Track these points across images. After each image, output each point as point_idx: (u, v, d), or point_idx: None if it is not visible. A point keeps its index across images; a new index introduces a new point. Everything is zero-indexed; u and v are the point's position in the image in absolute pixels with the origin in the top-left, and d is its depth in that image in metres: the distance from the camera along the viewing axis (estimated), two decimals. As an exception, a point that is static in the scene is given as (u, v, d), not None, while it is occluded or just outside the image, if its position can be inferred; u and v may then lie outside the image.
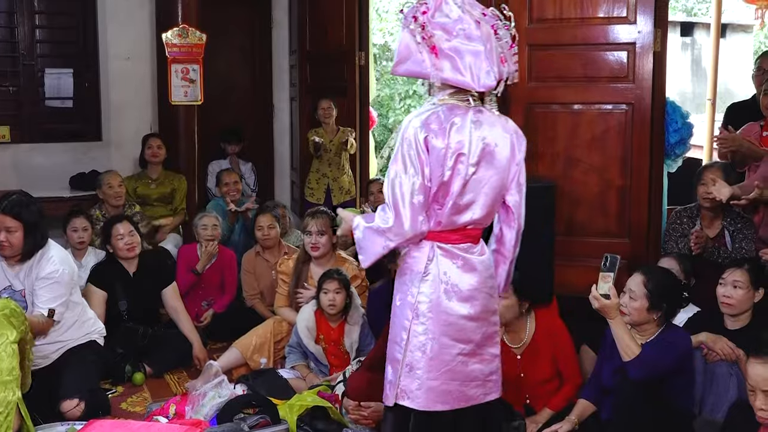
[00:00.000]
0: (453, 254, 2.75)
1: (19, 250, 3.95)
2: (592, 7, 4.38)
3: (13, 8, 6.96)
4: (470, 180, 2.68)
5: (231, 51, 7.86)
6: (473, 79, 2.61)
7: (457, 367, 2.76)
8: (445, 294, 2.74)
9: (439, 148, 2.63)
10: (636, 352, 3.29)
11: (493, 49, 2.63)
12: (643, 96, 4.34)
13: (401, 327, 2.77)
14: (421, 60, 2.63)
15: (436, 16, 2.62)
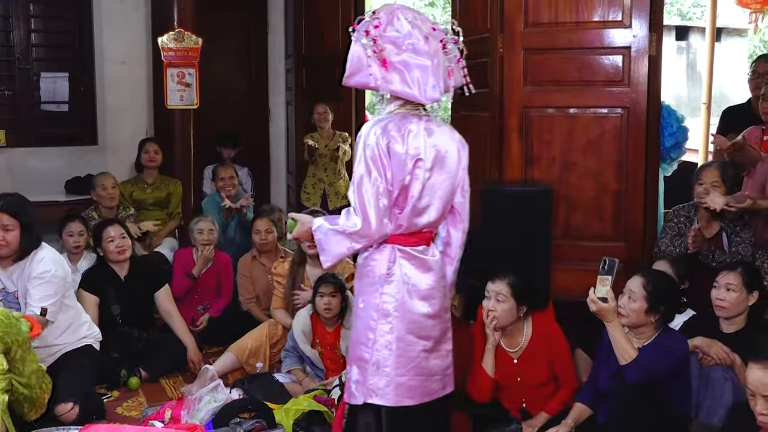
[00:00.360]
0: (412, 256, 2.90)
1: (14, 250, 3.96)
2: (588, 11, 4.39)
3: (8, 12, 6.96)
4: (426, 185, 2.83)
5: (227, 55, 7.86)
6: (420, 92, 2.75)
7: (421, 363, 2.91)
8: (408, 294, 2.87)
9: (400, 153, 2.76)
10: (633, 356, 3.29)
11: (440, 64, 2.78)
12: (639, 100, 4.35)
13: (366, 327, 2.89)
14: (371, 73, 2.77)
15: (387, 31, 2.76)
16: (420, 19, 2.84)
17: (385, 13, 2.79)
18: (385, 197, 2.76)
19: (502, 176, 4.59)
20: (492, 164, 4.66)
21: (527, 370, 3.81)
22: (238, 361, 4.51)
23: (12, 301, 3.98)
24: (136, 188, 6.31)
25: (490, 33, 4.62)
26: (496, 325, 3.76)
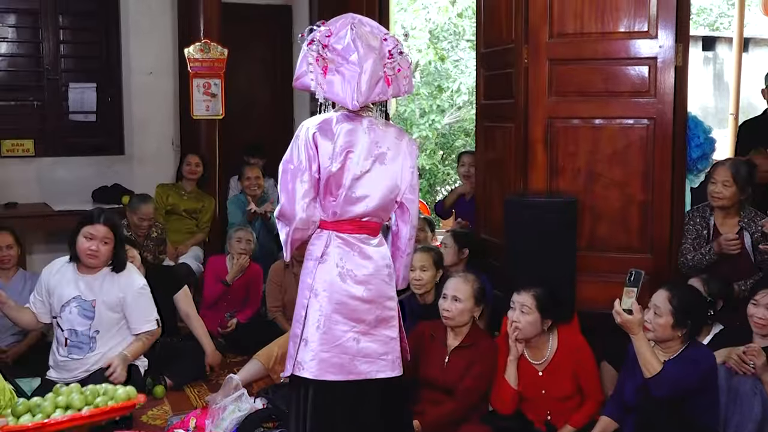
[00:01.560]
0: (350, 243, 3.09)
1: (104, 262, 4.12)
2: (613, 21, 4.37)
3: (38, 24, 7.06)
4: (363, 176, 3.03)
5: (252, 66, 7.91)
6: (349, 100, 2.96)
7: (347, 343, 3.06)
8: (339, 277, 3.06)
9: (327, 144, 2.98)
10: (657, 369, 3.26)
11: (373, 75, 2.95)
12: (665, 111, 4.32)
13: (301, 305, 3.10)
14: (312, 78, 3.02)
15: (333, 41, 2.98)
16: (373, 31, 3.07)
17: (339, 24, 3.03)
18: (306, 183, 2.98)
19: (527, 187, 4.57)
20: (517, 175, 4.65)
21: (552, 383, 3.78)
22: (264, 368, 4.49)
23: (87, 309, 4.08)
24: (173, 193, 6.40)
25: (514, 43, 4.61)
26: (518, 337, 3.74)
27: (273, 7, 8.04)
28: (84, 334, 4.10)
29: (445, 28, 11.68)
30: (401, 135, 3.19)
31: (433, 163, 12.07)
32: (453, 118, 12.04)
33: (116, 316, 4.18)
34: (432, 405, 3.77)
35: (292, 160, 3.02)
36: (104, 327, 4.14)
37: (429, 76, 12.15)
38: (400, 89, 3.11)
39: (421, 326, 4.01)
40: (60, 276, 4.15)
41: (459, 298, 3.82)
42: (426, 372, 3.87)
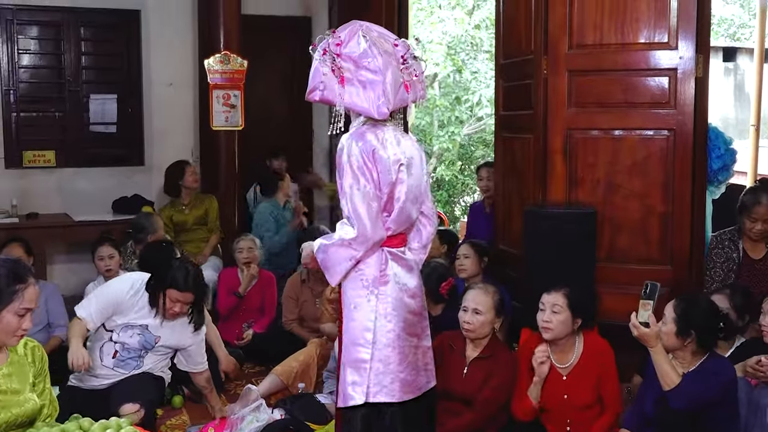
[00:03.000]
0: (398, 257, 3.07)
1: (183, 316, 4.01)
2: (633, 32, 4.36)
3: (60, 36, 7.14)
4: (405, 187, 3.02)
5: (271, 77, 7.94)
6: (372, 108, 2.91)
7: (413, 358, 3.07)
8: (401, 292, 3.04)
9: (385, 158, 2.94)
10: (676, 382, 3.23)
11: (395, 80, 2.93)
12: (685, 122, 4.30)
13: (363, 329, 2.99)
14: (331, 89, 2.94)
15: (346, 49, 2.94)
16: (383, 36, 3.03)
17: (347, 32, 2.97)
18: (375, 202, 2.93)
19: (546, 198, 4.56)
20: (536, 186, 4.64)
21: (575, 388, 3.74)
22: (283, 384, 4.50)
23: (149, 341, 3.99)
24: (174, 212, 6.39)
25: (534, 54, 4.61)
26: (549, 337, 3.72)
27: (292, 19, 8.08)
28: (135, 355, 4.03)
29: (462, 40, 11.68)
30: (415, 142, 3.18)
31: (452, 174, 12.06)
32: (472, 129, 12.02)
33: (172, 351, 4.16)
34: (451, 416, 3.76)
35: (358, 182, 2.92)
36: (157, 355, 4.09)
37: (447, 88, 12.15)
38: (417, 95, 3.08)
39: (440, 337, 4.00)
40: (136, 300, 4.00)
41: (480, 311, 3.80)
42: (445, 383, 3.84)
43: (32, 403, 2.75)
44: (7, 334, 2.67)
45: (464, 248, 5.01)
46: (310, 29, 8.09)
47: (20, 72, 7.06)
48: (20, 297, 2.64)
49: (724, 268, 4.30)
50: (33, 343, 2.90)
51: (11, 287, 2.62)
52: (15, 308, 2.63)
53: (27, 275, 2.69)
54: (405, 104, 3.05)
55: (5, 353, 2.77)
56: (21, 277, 2.67)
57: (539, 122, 4.58)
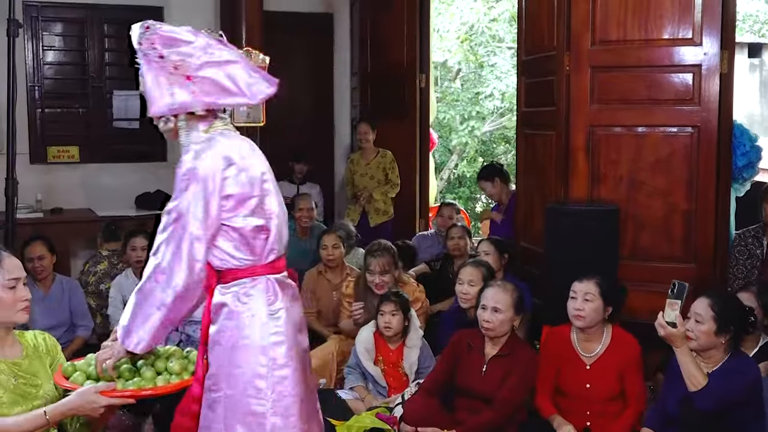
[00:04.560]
0: (285, 285, 2.60)
1: None
2: (657, 28, 4.32)
3: (83, 32, 7.19)
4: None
5: (293, 73, 7.95)
6: (247, 92, 2.50)
7: (311, 404, 2.62)
8: (293, 328, 2.56)
9: (247, 175, 2.54)
10: (702, 383, 3.20)
11: (247, 62, 2.55)
12: (710, 118, 4.27)
13: (254, 375, 2.48)
14: (175, 93, 2.47)
15: (175, 46, 2.50)
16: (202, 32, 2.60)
17: (164, 31, 2.57)
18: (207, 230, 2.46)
19: (568, 195, 4.54)
20: (558, 183, 4.62)
21: (598, 379, 3.72)
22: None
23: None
24: None
25: (556, 51, 4.59)
26: (581, 325, 3.72)
27: (314, 15, 8.09)
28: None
29: (480, 33, 11.64)
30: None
31: (474, 171, 12.03)
32: (494, 126, 11.99)
33: None
34: (470, 414, 3.75)
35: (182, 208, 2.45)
36: None
37: (468, 83, 12.12)
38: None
39: (458, 334, 3.99)
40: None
41: (499, 309, 3.78)
42: (463, 380, 3.85)
43: (51, 394, 2.77)
44: (8, 311, 2.67)
45: (485, 245, 4.99)
46: (332, 26, 8.10)
47: (45, 68, 7.11)
48: (0, 271, 2.65)
49: (747, 265, 4.27)
50: (44, 334, 2.93)
51: None
52: (1, 283, 2.64)
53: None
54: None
55: (19, 346, 2.79)
56: None
57: (561, 119, 4.55)
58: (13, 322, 2.73)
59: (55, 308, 4.79)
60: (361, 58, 7.65)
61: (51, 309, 4.74)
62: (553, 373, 3.81)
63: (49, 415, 2.55)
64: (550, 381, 3.81)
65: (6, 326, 2.72)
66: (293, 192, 7.22)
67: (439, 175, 11.51)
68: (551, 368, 3.81)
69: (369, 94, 7.56)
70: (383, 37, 7.31)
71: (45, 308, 4.65)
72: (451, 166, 12.12)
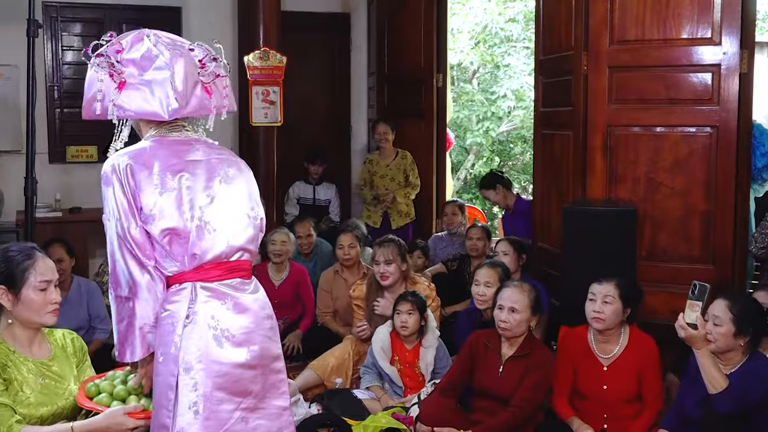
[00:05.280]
0: (220, 294, 2.45)
1: None
2: (676, 28, 4.30)
3: (102, 32, 7.15)
4: (212, 203, 2.53)
5: (310, 73, 7.96)
6: (162, 107, 2.44)
7: (235, 427, 2.39)
8: (214, 340, 2.39)
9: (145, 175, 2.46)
10: (723, 385, 3.18)
11: (188, 77, 2.49)
12: (729, 119, 4.23)
13: (167, 386, 2.36)
14: (100, 98, 2.52)
15: (130, 52, 2.51)
16: (175, 41, 2.61)
17: (131, 38, 2.55)
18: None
19: (585, 195, 4.52)
20: (575, 183, 4.60)
21: (615, 380, 3.72)
22: (319, 378, 4.53)
23: None
24: None
25: (574, 50, 4.57)
26: (600, 327, 3.71)
27: (331, 15, 8.10)
28: None
29: (493, 33, 11.60)
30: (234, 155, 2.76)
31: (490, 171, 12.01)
32: (511, 126, 11.96)
33: None
34: (487, 414, 3.74)
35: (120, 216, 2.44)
36: None
37: (484, 83, 12.09)
38: (221, 102, 2.61)
39: (475, 335, 3.99)
40: None
41: (516, 309, 3.78)
42: (480, 381, 3.84)
43: (76, 395, 2.79)
44: (37, 313, 2.68)
45: (503, 245, 4.99)
46: (349, 25, 8.11)
47: (63, 68, 7.16)
48: (33, 272, 2.67)
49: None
50: (72, 335, 2.95)
51: (21, 266, 2.67)
52: (33, 284, 2.66)
53: (33, 252, 2.74)
54: (208, 111, 2.57)
55: (47, 346, 2.81)
56: (27, 254, 2.71)
57: (579, 119, 4.54)
58: (41, 324, 2.75)
59: (73, 311, 4.80)
60: (378, 58, 7.65)
61: (69, 312, 4.74)
62: (570, 374, 3.80)
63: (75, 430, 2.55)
64: (567, 382, 3.80)
65: (35, 327, 2.74)
66: (310, 192, 7.24)
67: (455, 175, 11.49)
68: (568, 369, 3.81)
69: (386, 94, 7.56)
70: (400, 37, 7.31)
71: (62, 312, 4.61)
72: (468, 166, 12.09)
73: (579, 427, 3.66)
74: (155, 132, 2.57)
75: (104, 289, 5.38)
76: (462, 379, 3.90)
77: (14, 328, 2.70)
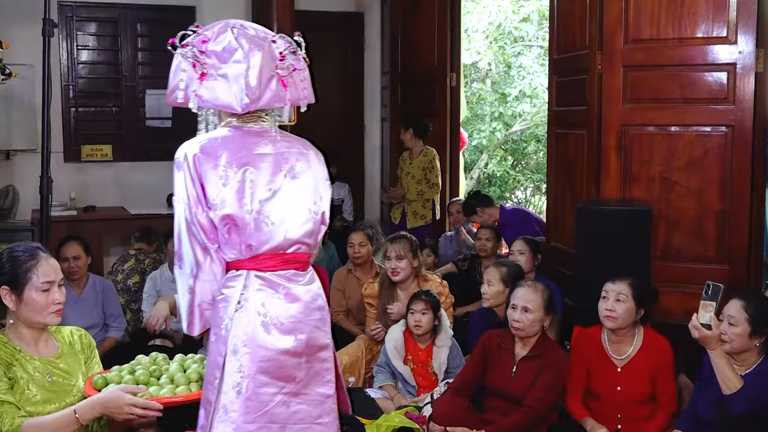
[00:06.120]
0: (273, 283, 2.57)
1: None
2: (691, 27, 4.28)
3: (117, 32, 7.27)
4: (274, 197, 2.60)
5: (324, 72, 7.95)
6: (234, 100, 2.55)
7: (276, 409, 2.53)
8: (262, 326, 2.52)
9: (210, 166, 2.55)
10: (738, 386, 3.16)
11: (263, 71, 2.57)
12: (744, 118, 4.21)
13: (214, 364, 2.53)
14: (185, 88, 2.60)
15: (212, 45, 2.59)
16: (258, 33, 2.67)
17: (216, 29, 2.64)
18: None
19: (599, 195, 4.51)
20: (589, 182, 4.59)
21: (629, 381, 3.70)
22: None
23: None
24: None
25: (588, 49, 4.55)
26: (612, 326, 3.70)
27: (345, 15, 8.12)
28: None
29: (507, 32, 11.55)
30: (307, 146, 2.83)
31: (504, 170, 11.99)
32: (524, 125, 11.93)
33: None
34: (500, 414, 3.74)
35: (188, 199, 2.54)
36: None
37: (495, 85, 12.07)
38: (298, 95, 2.73)
39: (488, 334, 3.98)
40: None
41: (529, 309, 3.77)
42: (493, 381, 3.84)
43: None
44: (40, 313, 2.69)
45: (519, 244, 4.97)
46: (362, 24, 8.12)
47: (79, 68, 7.22)
48: (35, 272, 2.68)
49: None
50: (80, 331, 2.96)
51: (24, 266, 2.68)
52: (35, 285, 2.67)
53: (37, 252, 2.75)
54: (281, 104, 2.69)
55: (54, 343, 2.82)
56: (31, 254, 2.72)
57: (593, 118, 4.52)
58: (44, 324, 2.75)
59: (87, 310, 4.82)
60: (392, 57, 7.65)
61: (83, 311, 4.76)
62: (583, 374, 3.79)
63: (78, 413, 2.56)
64: (581, 382, 3.79)
65: (38, 327, 2.75)
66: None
67: (468, 175, 11.47)
68: (582, 370, 3.80)
69: (399, 93, 7.57)
70: (414, 36, 7.31)
71: (77, 310, 4.67)
72: (482, 165, 12.08)
73: (593, 428, 3.64)
74: (233, 119, 2.67)
75: (118, 288, 5.40)
76: (475, 379, 3.90)
77: (19, 327, 2.71)
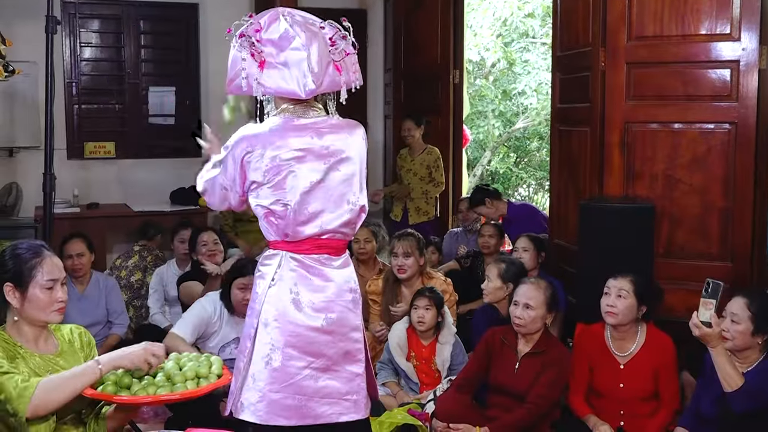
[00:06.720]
0: (306, 265, 2.73)
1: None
2: (694, 23, 4.27)
3: (120, 29, 7.27)
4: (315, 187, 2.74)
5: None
6: (298, 86, 2.63)
7: (303, 381, 2.67)
8: (293, 304, 2.68)
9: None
10: (739, 383, 3.17)
11: (321, 57, 2.68)
12: (748, 115, 4.21)
13: (247, 336, 2.72)
14: (246, 76, 2.69)
15: (267, 33, 2.68)
16: (307, 20, 2.78)
17: (267, 17, 2.73)
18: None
19: (602, 192, 4.51)
20: (592, 180, 4.59)
21: (631, 378, 3.71)
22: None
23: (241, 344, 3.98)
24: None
25: (591, 46, 4.55)
26: (613, 323, 3.70)
27: (348, 11, 8.09)
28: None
29: (513, 28, 11.52)
30: (353, 129, 2.94)
31: (507, 167, 11.96)
32: (527, 122, 11.91)
33: None
34: (503, 411, 3.75)
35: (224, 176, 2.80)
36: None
37: (497, 82, 12.04)
38: (350, 77, 2.84)
39: (491, 331, 3.98)
40: (221, 321, 4.13)
41: (531, 306, 3.77)
42: (496, 377, 3.84)
43: None
44: (44, 311, 2.69)
45: (523, 241, 4.98)
46: (365, 22, 8.11)
47: (82, 65, 7.22)
48: (40, 270, 2.68)
49: None
50: (80, 329, 2.96)
51: (28, 264, 2.68)
52: (39, 283, 2.67)
53: (41, 250, 2.75)
54: (338, 87, 2.79)
55: (54, 341, 2.82)
56: (36, 252, 2.73)
57: (596, 115, 4.52)
58: (47, 322, 2.75)
59: (91, 307, 4.83)
60: (395, 54, 7.64)
61: (86, 308, 4.76)
62: (586, 371, 3.79)
63: (102, 364, 2.55)
64: (583, 379, 3.79)
65: (40, 324, 2.76)
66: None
67: (471, 172, 11.45)
68: (584, 367, 3.80)
69: (402, 90, 7.56)
70: (417, 33, 7.30)
71: (80, 308, 4.67)
72: (484, 163, 12.06)
73: (595, 425, 3.65)
74: (287, 107, 2.78)
75: (121, 284, 5.41)
76: (478, 376, 3.90)
77: (21, 324, 2.71)
